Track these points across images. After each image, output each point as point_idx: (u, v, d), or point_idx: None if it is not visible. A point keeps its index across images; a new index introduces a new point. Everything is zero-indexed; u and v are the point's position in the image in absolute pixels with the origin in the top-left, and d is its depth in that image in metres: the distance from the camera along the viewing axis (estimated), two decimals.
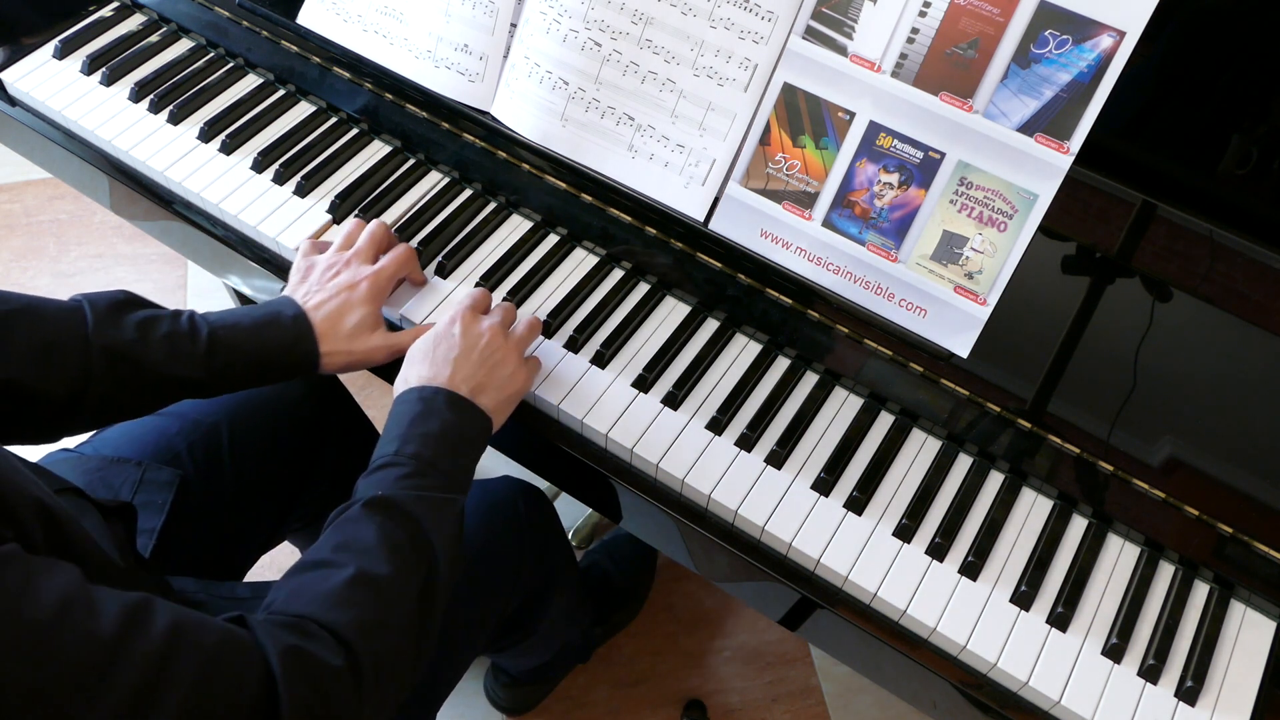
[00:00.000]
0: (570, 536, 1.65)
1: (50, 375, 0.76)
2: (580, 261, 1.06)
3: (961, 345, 0.90)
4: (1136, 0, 0.79)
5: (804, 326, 0.97)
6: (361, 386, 1.78)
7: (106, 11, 1.23)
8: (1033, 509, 0.91)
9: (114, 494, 0.93)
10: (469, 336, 0.87)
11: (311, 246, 0.98)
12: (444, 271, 1.03)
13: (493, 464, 1.76)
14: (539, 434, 0.96)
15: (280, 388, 1.08)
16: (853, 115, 0.90)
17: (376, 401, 1.82)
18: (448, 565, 0.74)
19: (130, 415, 0.84)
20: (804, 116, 0.92)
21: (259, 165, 1.11)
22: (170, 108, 1.14)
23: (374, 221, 1.00)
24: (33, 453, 0.81)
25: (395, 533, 0.72)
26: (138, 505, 0.91)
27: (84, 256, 2.05)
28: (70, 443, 1.00)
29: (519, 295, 1.01)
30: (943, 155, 0.88)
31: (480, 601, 1.02)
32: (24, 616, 0.50)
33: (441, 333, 0.88)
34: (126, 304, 0.82)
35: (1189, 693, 0.82)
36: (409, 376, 0.86)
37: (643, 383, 0.96)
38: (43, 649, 0.50)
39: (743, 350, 1.00)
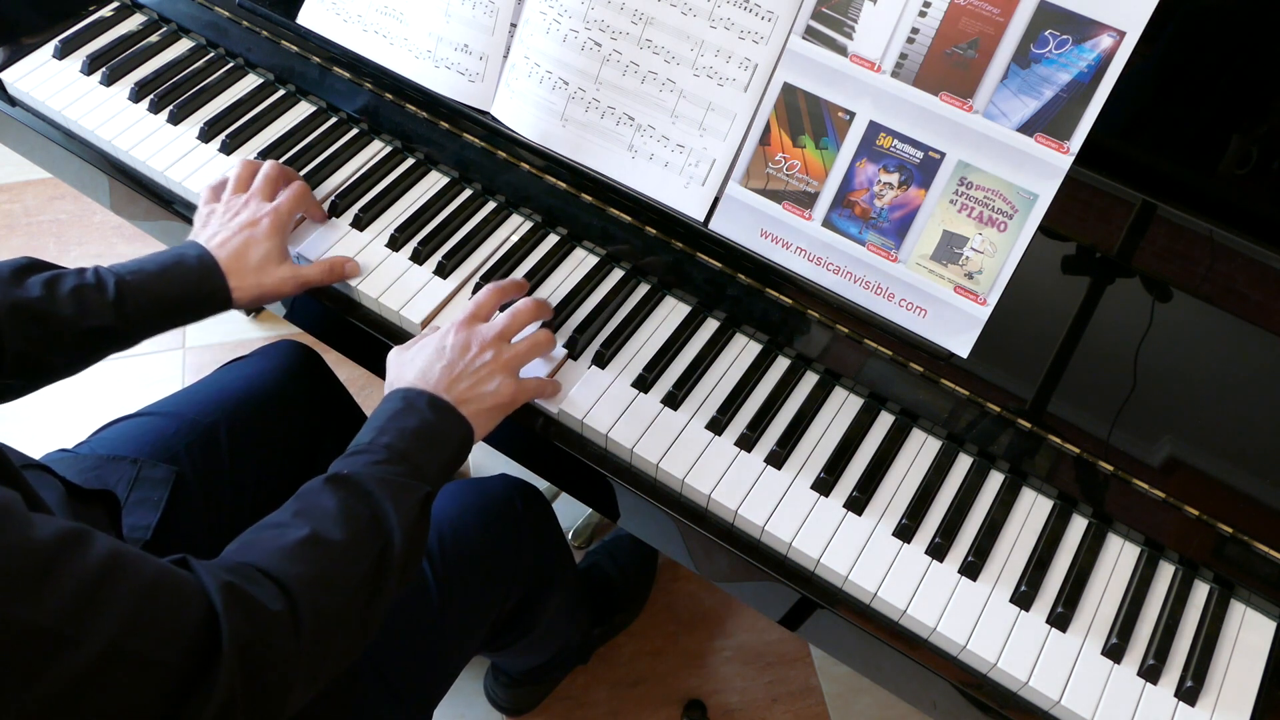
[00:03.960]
0: (570, 537, 1.65)
1: None
2: (580, 261, 1.05)
3: (961, 345, 0.90)
4: (1136, 0, 0.79)
5: (804, 326, 0.97)
6: (361, 387, 1.78)
7: (106, 11, 1.23)
8: (1033, 509, 0.91)
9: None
10: (459, 349, 0.88)
11: (211, 194, 1.01)
12: (444, 271, 1.03)
13: (492, 463, 1.76)
14: (539, 434, 0.96)
15: (280, 389, 1.09)
16: (853, 115, 0.90)
17: (377, 402, 1.82)
18: (406, 546, 0.74)
19: (59, 374, 0.85)
20: (804, 116, 0.92)
21: None
22: (170, 108, 1.14)
23: (268, 161, 1.03)
24: (31, 453, 0.81)
25: (355, 506, 0.73)
26: (133, 503, 0.91)
27: (84, 256, 2.05)
28: (68, 442, 1.00)
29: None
30: (943, 155, 0.88)
31: (476, 599, 1.02)
32: None
33: (435, 341, 0.89)
34: (29, 268, 0.84)
35: (1189, 693, 0.82)
36: (394, 382, 0.87)
37: (643, 383, 0.96)
38: None
39: (743, 350, 1.00)
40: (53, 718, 0.52)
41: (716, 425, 0.94)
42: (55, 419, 1.80)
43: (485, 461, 1.77)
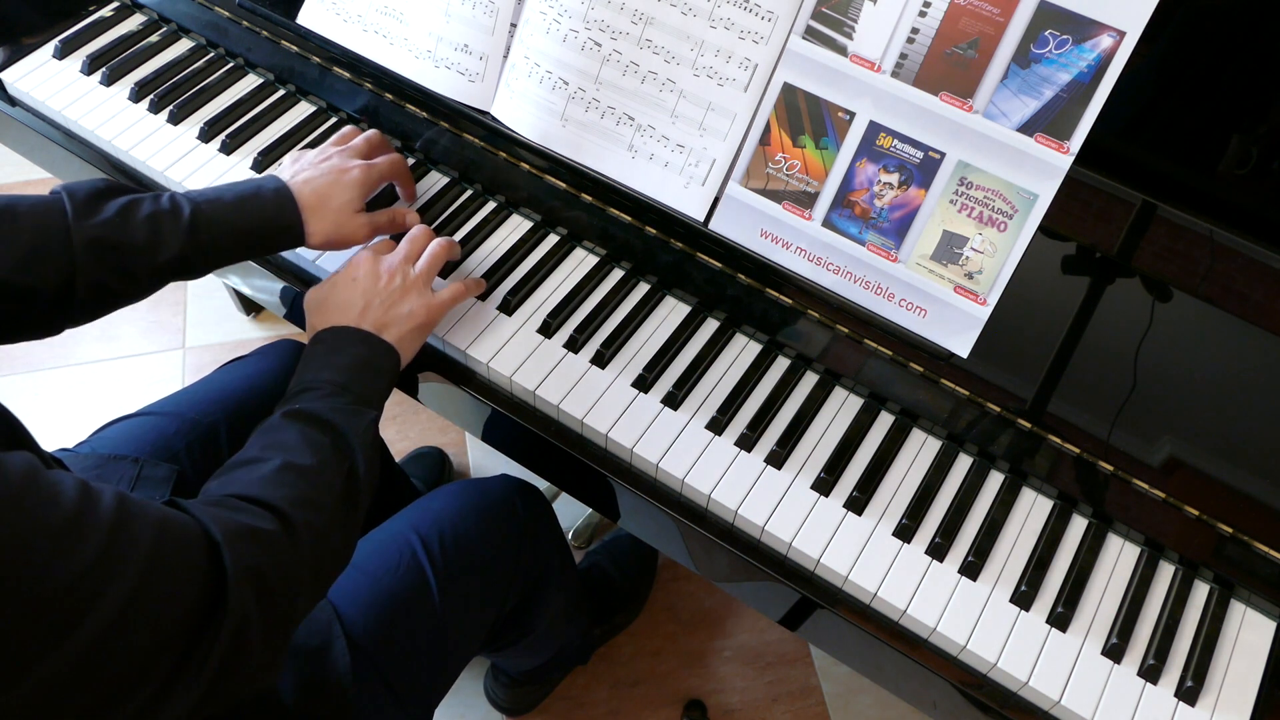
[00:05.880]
0: (570, 537, 1.65)
1: (36, 270, 0.78)
2: (580, 261, 1.06)
3: (961, 345, 0.90)
4: (1136, 0, 0.79)
5: (804, 326, 0.97)
6: None
7: (106, 11, 1.24)
8: (1033, 509, 0.91)
9: None
10: (367, 279, 0.90)
11: (303, 151, 1.03)
12: (444, 272, 1.03)
13: (492, 463, 1.76)
14: (538, 434, 0.96)
15: (280, 388, 1.08)
16: (853, 115, 0.90)
17: None
18: (367, 465, 0.78)
19: (126, 300, 0.85)
20: (804, 116, 0.92)
21: (259, 165, 1.11)
22: (170, 107, 1.14)
23: (372, 130, 1.05)
24: None
25: (315, 435, 0.76)
26: None
27: None
28: (68, 442, 1.00)
29: (519, 295, 1.01)
30: (943, 155, 0.88)
31: (477, 599, 1.02)
32: None
33: (342, 280, 0.91)
34: (106, 191, 0.84)
35: (1189, 693, 0.82)
36: (317, 324, 0.89)
37: (643, 383, 0.96)
38: (15, 511, 0.52)
39: (743, 350, 1.00)
40: (87, 666, 0.54)
41: (716, 425, 0.94)
42: (55, 419, 1.80)
43: (485, 461, 1.77)
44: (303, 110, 1.17)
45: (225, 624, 0.60)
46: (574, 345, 0.98)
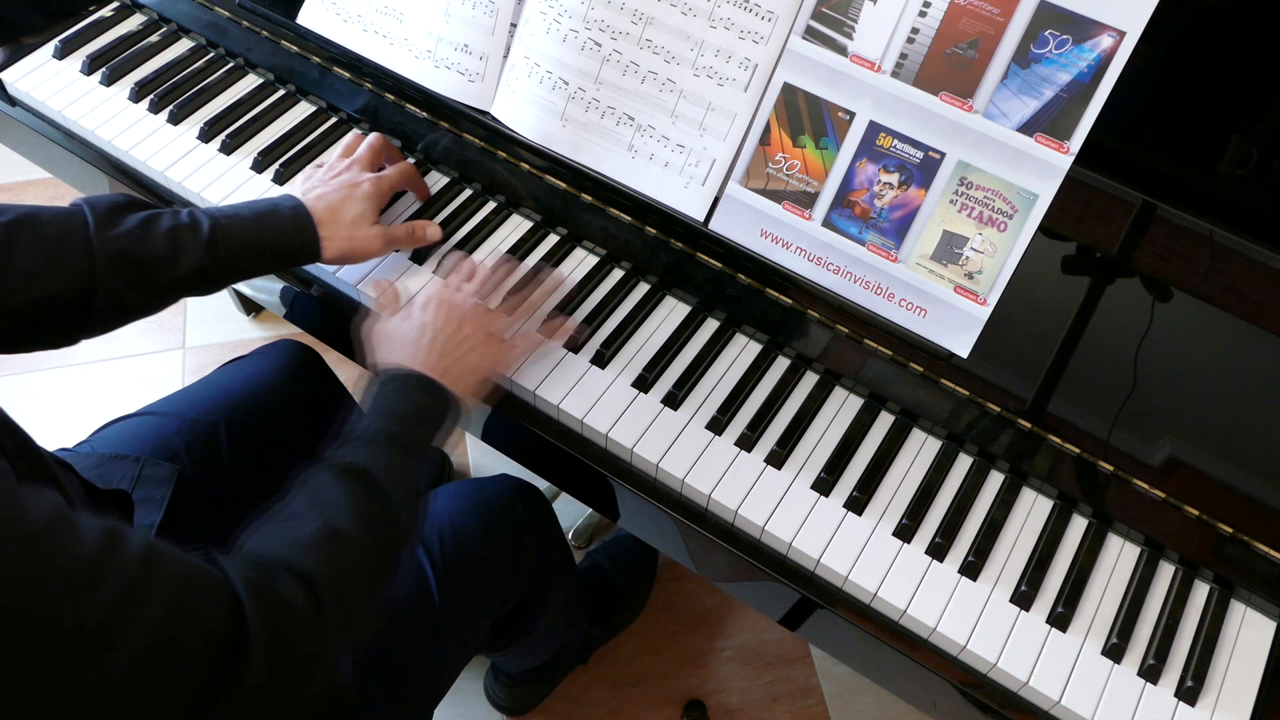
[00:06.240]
0: (570, 538, 1.65)
1: (56, 278, 0.79)
2: (580, 261, 1.06)
3: (961, 345, 0.90)
4: (1136, 0, 0.79)
5: (804, 326, 0.97)
6: None
7: (106, 11, 1.24)
8: (1033, 509, 0.91)
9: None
10: (439, 322, 0.90)
11: (313, 167, 1.05)
12: (444, 272, 1.03)
13: (492, 463, 1.76)
14: (538, 434, 0.96)
15: (280, 389, 1.08)
16: (853, 115, 0.90)
17: None
18: (409, 530, 0.78)
19: (142, 312, 0.86)
20: (804, 116, 0.92)
21: (259, 165, 1.11)
22: (170, 107, 1.14)
23: (374, 134, 1.05)
24: None
25: (362, 496, 0.75)
26: (136, 501, 0.91)
27: None
28: (68, 442, 1.00)
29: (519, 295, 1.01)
30: (943, 155, 0.88)
31: (477, 599, 1.02)
32: (12, 526, 0.51)
33: (415, 318, 0.91)
34: (127, 205, 0.85)
35: (1189, 693, 0.82)
36: (380, 358, 0.89)
37: (643, 383, 0.96)
38: (33, 558, 0.51)
39: (743, 350, 1.00)
40: (94, 713, 0.53)
41: (716, 425, 0.94)
42: (55, 419, 1.81)
43: (485, 461, 1.77)
44: (303, 110, 1.17)
45: (240, 688, 0.59)
46: (574, 345, 0.98)
